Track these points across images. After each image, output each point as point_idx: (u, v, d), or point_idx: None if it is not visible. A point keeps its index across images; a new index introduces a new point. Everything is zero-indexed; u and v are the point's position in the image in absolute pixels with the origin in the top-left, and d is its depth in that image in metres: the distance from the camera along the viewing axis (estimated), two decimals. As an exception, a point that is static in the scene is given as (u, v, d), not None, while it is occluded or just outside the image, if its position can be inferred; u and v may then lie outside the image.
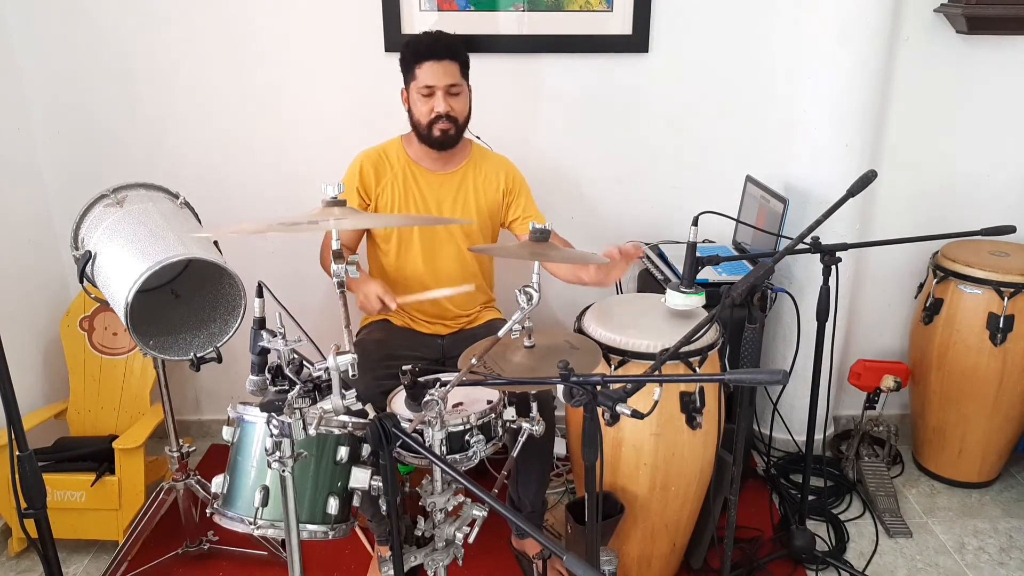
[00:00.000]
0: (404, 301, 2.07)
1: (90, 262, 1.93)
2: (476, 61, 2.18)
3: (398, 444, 1.35)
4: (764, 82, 2.64)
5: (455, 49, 2.16)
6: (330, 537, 1.56)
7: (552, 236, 2.06)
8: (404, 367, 1.54)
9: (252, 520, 1.50)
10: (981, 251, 2.59)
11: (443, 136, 2.18)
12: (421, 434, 1.58)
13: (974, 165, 2.73)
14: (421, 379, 1.57)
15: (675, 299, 1.99)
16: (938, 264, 2.60)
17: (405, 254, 2.30)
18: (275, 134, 2.65)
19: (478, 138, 2.36)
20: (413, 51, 2.14)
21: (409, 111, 2.21)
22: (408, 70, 2.17)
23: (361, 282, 2.16)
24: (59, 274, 2.75)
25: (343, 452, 1.55)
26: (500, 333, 1.62)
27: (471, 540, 1.69)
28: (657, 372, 1.68)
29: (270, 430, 1.35)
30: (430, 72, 2.12)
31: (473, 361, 1.62)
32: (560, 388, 1.35)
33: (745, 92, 2.66)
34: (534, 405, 1.76)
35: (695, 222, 1.91)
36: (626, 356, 1.94)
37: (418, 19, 2.53)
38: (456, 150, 2.26)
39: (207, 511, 1.61)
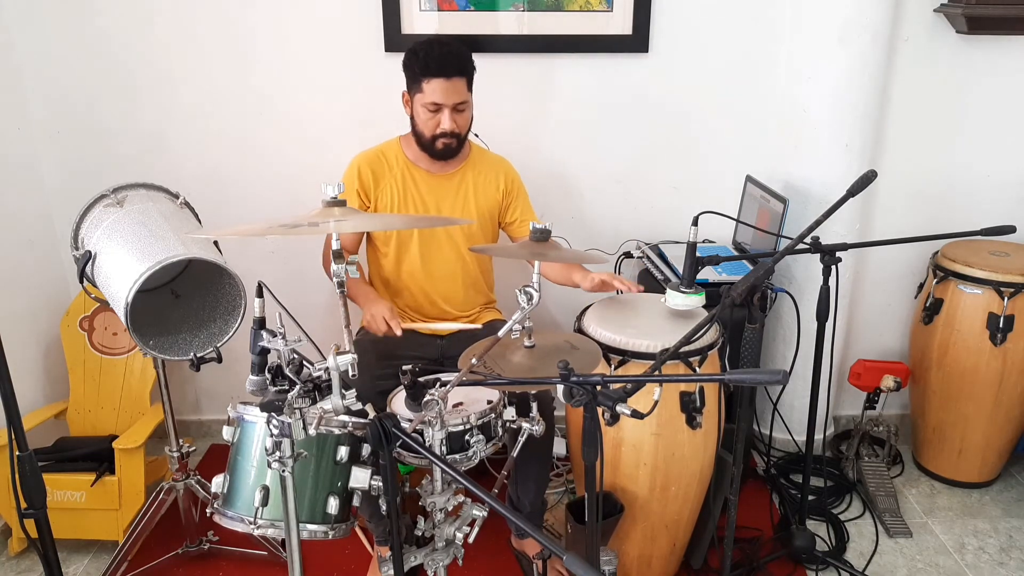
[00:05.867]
0: (408, 327, 2.09)
1: (90, 262, 1.93)
2: (476, 61, 2.17)
3: (398, 444, 1.35)
4: (764, 82, 2.64)
5: (464, 65, 2.11)
6: (330, 537, 1.56)
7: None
8: (404, 367, 1.54)
9: (252, 520, 1.50)
10: (981, 251, 2.59)
11: (445, 149, 2.18)
12: (421, 434, 1.58)
13: (974, 165, 2.73)
14: (421, 379, 1.57)
15: (675, 299, 1.99)
16: (938, 264, 2.60)
17: (404, 255, 2.30)
18: (275, 134, 2.65)
19: (476, 136, 2.36)
20: (423, 65, 2.08)
21: (412, 118, 2.19)
22: (414, 80, 2.12)
23: (368, 300, 2.16)
24: (59, 274, 2.75)
25: (343, 452, 1.55)
26: (500, 333, 1.62)
27: (471, 540, 1.69)
28: (657, 372, 1.68)
29: (270, 430, 1.35)
30: (439, 90, 2.08)
31: (473, 361, 1.62)
32: (560, 388, 1.35)
33: (745, 92, 2.66)
34: (534, 405, 1.77)
35: (695, 222, 1.91)
36: (626, 356, 1.94)
37: (418, 19, 2.53)
38: None
39: (207, 511, 1.61)
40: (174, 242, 1.88)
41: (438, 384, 1.58)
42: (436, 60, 2.07)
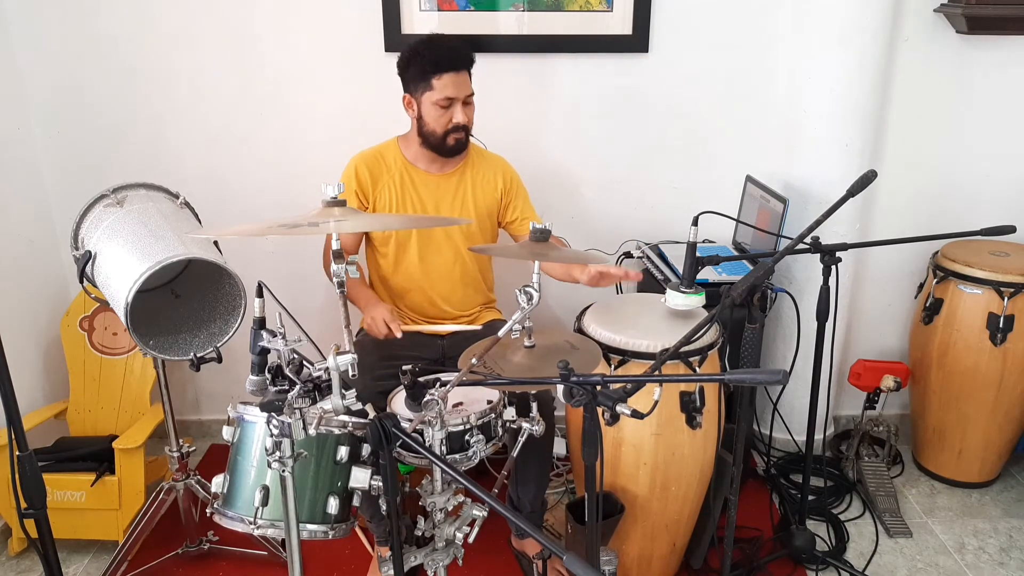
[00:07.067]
0: (408, 329, 2.10)
1: (90, 262, 1.93)
2: (476, 61, 2.17)
3: (398, 444, 1.35)
4: (764, 82, 2.64)
5: (470, 58, 2.15)
6: (330, 537, 1.56)
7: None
8: (404, 367, 1.54)
9: (252, 520, 1.50)
10: (981, 251, 2.59)
11: (456, 144, 2.18)
12: (421, 434, 1.58)
13: (974, 165, 2.73)
14: (421, 379, 1.57)
15: (675, 299, 1.99)
16: (938, 264, 2.60)
17: (402, 255, 2.30)
18: (275, 134, 2.65)
19: (473, 136, 2.36)
20: (433, 62, 2.08)
21: (420, 118, 2.17)
22: (422, 78, 2.10)
23: (368, 303, 2.17)
24: (59, 274, 2.75)
25: (343, 452, 1.55)
26: (500, 333, 1.62)
27: (471, 540, 1.69)
28: (657, 372, 1.68)
29: (270, 430, 1.35)
30: (452, 84, 2.09)
31: (473, 361, 1.62)
32: (560, 388, 1.35)
33: (745, 92, 2.66)
34: (534, 405, 1.76)
35: (695, 222, 1.91)
36: (626, 356, 1.94)
37: (418, 19, 2.53)
38: None
39: (207, 511, 1.61)
40: (174, 242, 1.88)
41: (438, 384, 1.57)
42: (446, 55, 2.09)
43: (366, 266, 2.43)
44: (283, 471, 1.36)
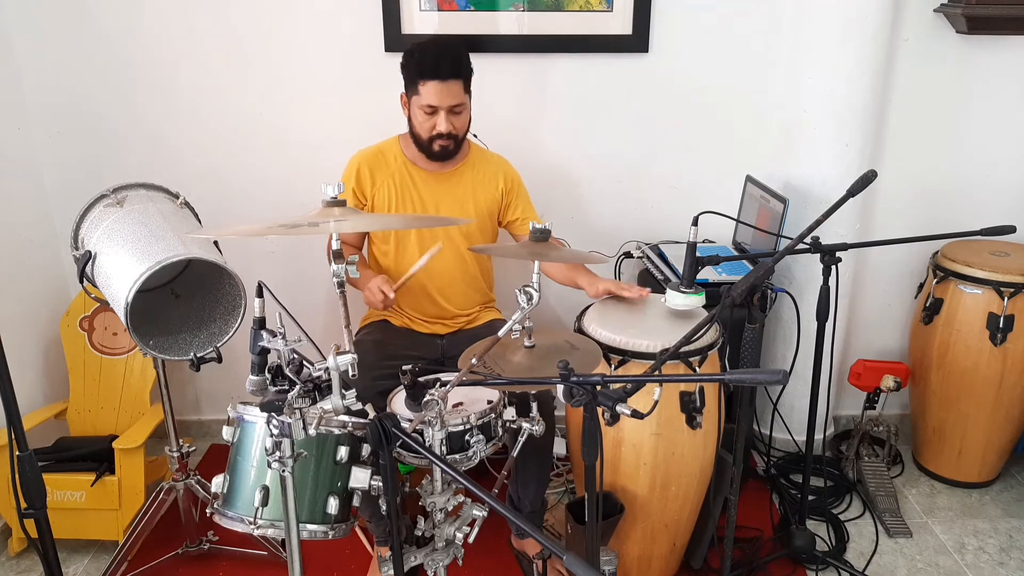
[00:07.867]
0: (397, 285, 2.07)
1: (90, 262, 1.93)
2: (476, 61, 2.17)
3: (398, 444, 1.35)
4: (764, 82, 2.64)
5: (460, 67, 2.11)
6: (330, 537, 1.56)
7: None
8: (404, 367, 1.54)
9: (252, 520, 1.50)
10: (981, 251, 2.59)
11: (442, 151, 2.17)
12: (421, 434, 1.58)
13: (974, 165, 2.73)
14: (421, 379, 1.57)
15: (675, 299, 1.99)
16: (938, 264, 2.60)
17: (403, 254, 2.30)
18: (275, 134, 2.65)
19: (475, 136, 2.36)
20: (418, 67, 2.08)
21: (409, 119, 2.19)
22: (411, 82, 2.12)
23: (365, 279, 2.16)
24: (59, 274, 2.75)
25: (343, 452, 1.55)
26: (500, 333, 1.62)
27: (471, 540, 1.69)
28: (657, 372, 1.68)
29: (270, 430, 1.35)
30: (434, 92, 2.07)
31: (473, 361, 1.62)
32: (560, 388, 1.35)
33: (745, 92, 2.66)
34: (534, 405, 1.77)
35: (695, 222, 1.91)
36: (626, 356, 1.94)
37: (418, 19, 2.53)
38: None
39: (207, 511, 1.61)
40: (174, 242, 1.88)
41: (438, 384, 1.58)
42: (432, 62, 2.07)
43: (368, 260, 2.43)
44: (283, 471, 1.36)
